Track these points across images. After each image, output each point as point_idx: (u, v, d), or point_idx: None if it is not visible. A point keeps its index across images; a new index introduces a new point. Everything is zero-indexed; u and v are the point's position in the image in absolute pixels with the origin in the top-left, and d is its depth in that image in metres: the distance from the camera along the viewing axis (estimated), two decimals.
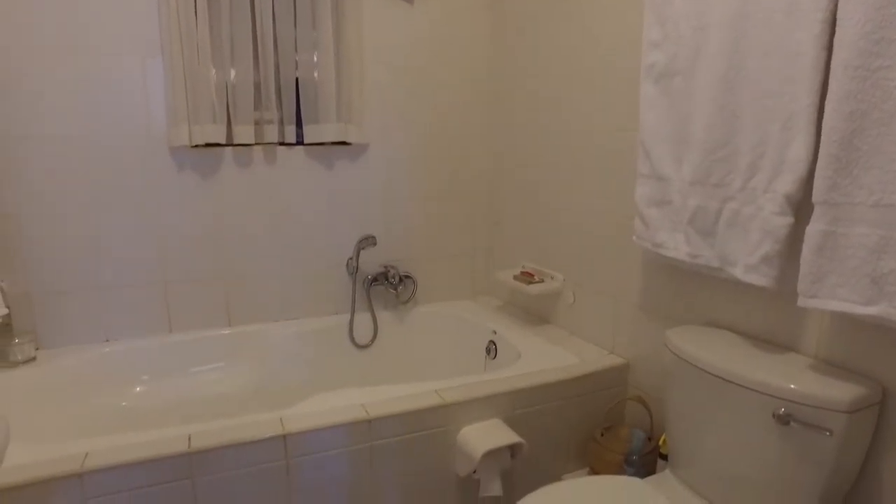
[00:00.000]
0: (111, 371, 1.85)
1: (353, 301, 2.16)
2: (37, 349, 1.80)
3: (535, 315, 2.14)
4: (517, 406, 1.55)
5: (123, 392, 1.86)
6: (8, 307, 1.62)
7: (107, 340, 1.91)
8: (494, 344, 2.03)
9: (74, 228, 1.80)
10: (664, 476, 1.37)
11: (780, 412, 1.07)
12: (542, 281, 2.01)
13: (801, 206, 1.13)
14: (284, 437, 1.30)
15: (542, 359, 1.73)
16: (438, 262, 2.35)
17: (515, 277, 2.06)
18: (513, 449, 1.48)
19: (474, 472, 1.44)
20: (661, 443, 1.46)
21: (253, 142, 1.95)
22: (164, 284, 1.95)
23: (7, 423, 0.76)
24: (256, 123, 1.97)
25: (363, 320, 2.21)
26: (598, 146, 1.76)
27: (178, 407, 1.89)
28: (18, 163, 1.71)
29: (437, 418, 1.46)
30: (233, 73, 1.89)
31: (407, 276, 2.27)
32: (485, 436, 1.44)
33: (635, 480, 1.30)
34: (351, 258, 2.17)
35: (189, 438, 1.26)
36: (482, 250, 2.43)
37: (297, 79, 2.00)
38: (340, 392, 1.50)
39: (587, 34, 1.77)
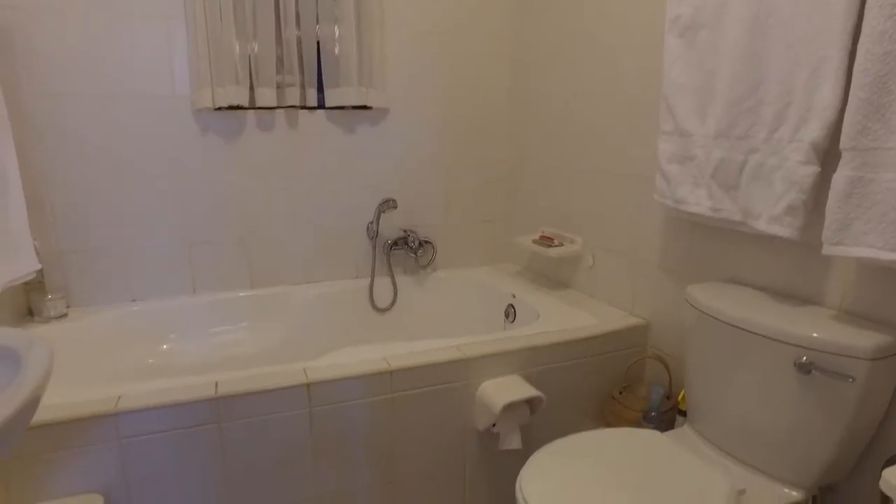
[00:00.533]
0: (139, 329, 1.90)
1: (374, 265, 2.19)
2: (68, 307, 1.85)
3: (554, 280, 2.15)
4: (536, 363, 1.56)
5: (151, 350, 1.91)
6: (41, 263, 1.66)
7: (133, 300, 1.96)
8: (513, 307, 2.04)
9: (101, 188, 1.84)
10: (682, 431, 1.38)
11: (802, 360, 1.07)
12: (561, 244, 2.01)
13: (827, 156, 1.11)
14: (308, 385, 1.33)
15: (561, 320, 1.74)
16: (458, 229, 2.36)
17: (535, 241, 2.06)
18: (531, 404, 1.50)
19: (494, 425, 1.46)
20: (679, 399, 1.47)
21: (275, 104, 1.96)
22: (188, 246, 1.98)
23: (52, 350, 0.79)
24: (278, 87, 1.98)
25: (383, 284, 2.23)
26: (618, 107, 1.75)
27: (204, 365, 1.93)
28: (48, 122, 1.74)
29: (456, 372, 1.48)
30: (255, 45, 1.90)
31: (426, 242, 2.28)
32: (504, 390, 1.46)
33: (654, 432, 1.31)
34: (371, 222, 2.18)
35: (216, 385, 1.29)
36: (501, 217, 2.43)
37: (318, 43, 2.00)
38: (363, 347, 1.52)
39: None
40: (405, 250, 2.25)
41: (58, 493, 1.20)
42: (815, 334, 1.07)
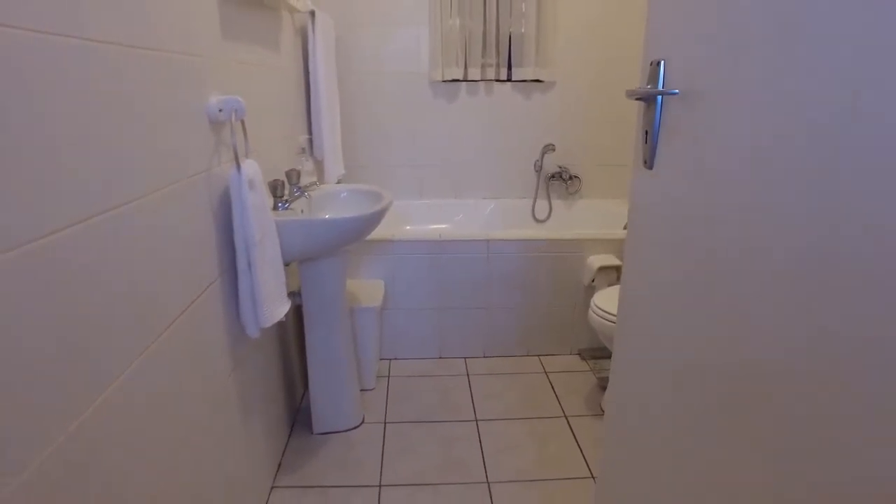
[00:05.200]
0: (392, 216, 3.12)
1: (536, 190, 3.20)
2: None
3: None
4: None
5: (398, 229, 3.14)
6: (345, 170, 2.95)
7: None
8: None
9: (369, 130, 3.08)
10: None
11: None
12: None
13: None
14: (488, 241, 2.43)
15: None
16: (600, 169, 3.25)
17: None
18: (619, 272, 2.43)
19: (593, 280, 2.43)
20: None
21: (479, 78, 3.02)
22: (419, 167, 3.17)
23: (391, 197, 1.94)
24: (482, 66, 3.04)
25: (542, 204, 3.23)
26: None
27: None
28: (350, 90, 3.00)
29: (575, 246, 2.47)
30: (469, 39, 2.95)
31: (575, 176, 3.22)
32: (602, 260, 2.41)
33: None
34: (537, 160, 3.18)
35: (440, 234, 2.44)
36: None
37: (509, 36, 3.00)
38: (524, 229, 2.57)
39: None
40: (559, 181, 3.22)
41: (364, 276, 2.45)
42: None
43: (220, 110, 1.35)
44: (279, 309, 1.53)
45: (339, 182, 2.91)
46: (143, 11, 1.03)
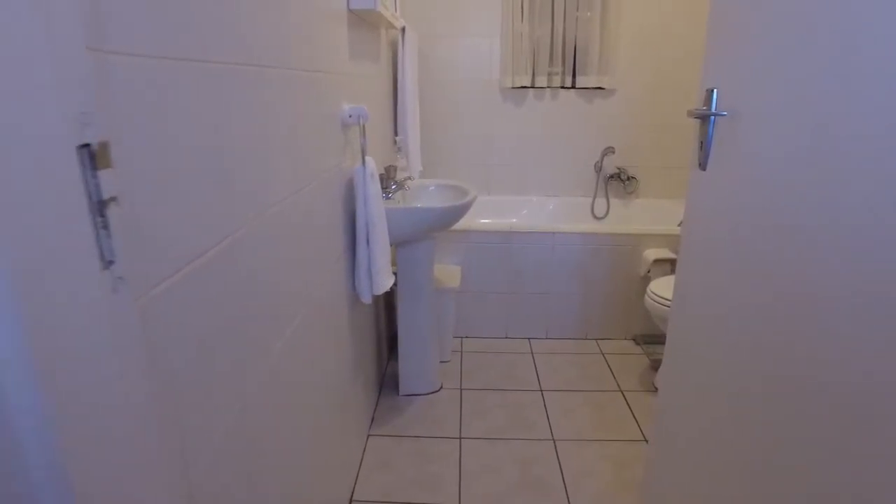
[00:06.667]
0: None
1: (596, 189, 3.45)
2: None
3: None
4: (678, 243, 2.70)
5: (473, 221, 3.45)
6: (423, 167, 3.27)
7: None
8: None
9: (447, 129, 3.40)
10: None
11: None
12: None
13: None
14: (553, 233, 2.70)
15: None
16: (657, 171, 3.47)
17: None
18: (672, 264, 2.66)
19: (648, 271, 2.67)
20: None
21: (545, 85, 3.29)
22: (488, 166, 3.47)
23: (475, 193, 2.24)
24: (548, 74, 3.31)
25: (601, 202, 3.48)
26: None
27: None
28: (430, 96, 3.32)
29: (632, 240, 2.71)
30: (538, 51, 3.23)
31: (633, 177, 3.45)
32: (657, 253, 2.65)
33: None
34: (597, 161, 3.43)
35: (510, 227, 2.73)
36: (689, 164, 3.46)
37: (574, 47, 3.26)
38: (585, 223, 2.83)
39: None
40: (618, 182, 3.45)
41: (444, 262, 2.77)
42: None
43: (350, 116, 1.68)
44: (387, 280, 1.85)
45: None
46: (312, 43, 1.37)
